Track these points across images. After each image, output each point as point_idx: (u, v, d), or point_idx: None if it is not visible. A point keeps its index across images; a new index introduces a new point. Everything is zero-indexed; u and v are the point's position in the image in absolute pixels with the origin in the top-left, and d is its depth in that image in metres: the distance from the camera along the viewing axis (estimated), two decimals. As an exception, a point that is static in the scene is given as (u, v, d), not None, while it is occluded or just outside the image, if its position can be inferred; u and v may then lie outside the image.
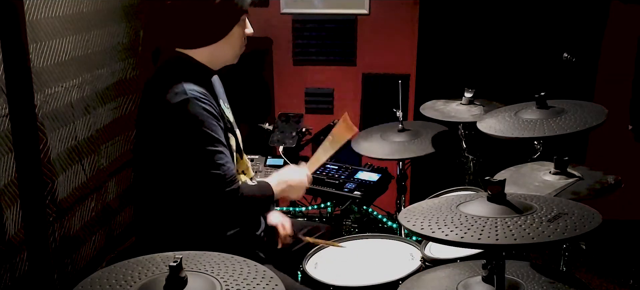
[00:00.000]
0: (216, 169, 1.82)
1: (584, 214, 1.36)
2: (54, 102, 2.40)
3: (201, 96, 1.83)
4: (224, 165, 1.84)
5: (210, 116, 1.84)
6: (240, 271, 1.33)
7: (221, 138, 1.87)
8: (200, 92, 1.85)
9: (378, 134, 2.70)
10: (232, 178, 1.86)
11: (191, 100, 1.80)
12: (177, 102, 1.80)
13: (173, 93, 1.81)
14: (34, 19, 2.24)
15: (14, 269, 2.17)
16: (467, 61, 3.66)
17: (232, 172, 1.87)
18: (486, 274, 1.47)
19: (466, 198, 1.50)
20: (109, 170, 2.90)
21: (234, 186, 1.86)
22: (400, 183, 2.71)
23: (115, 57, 2.92)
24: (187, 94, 1.81)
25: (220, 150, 1.84)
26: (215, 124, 1.85)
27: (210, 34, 1.93)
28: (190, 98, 1.80)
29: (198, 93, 1.83)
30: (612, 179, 2.03)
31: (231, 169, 1.87)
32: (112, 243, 2.95)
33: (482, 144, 2.54)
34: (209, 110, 1.84)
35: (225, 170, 1.84)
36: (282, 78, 3.85)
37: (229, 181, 1.85)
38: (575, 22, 3.56)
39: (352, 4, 3.70)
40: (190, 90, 1.82)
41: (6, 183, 2.12)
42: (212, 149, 1.82)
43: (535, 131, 1.95)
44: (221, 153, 1.85)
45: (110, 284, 1.28)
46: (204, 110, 1.82)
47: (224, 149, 1.87)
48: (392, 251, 2.14)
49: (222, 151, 1.85)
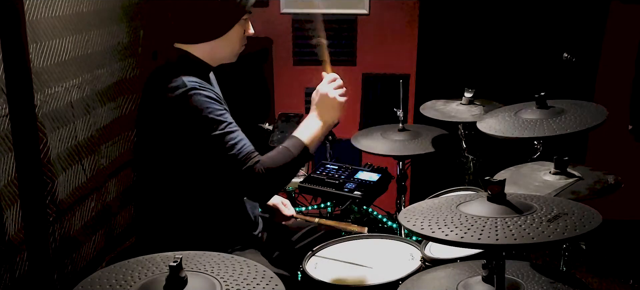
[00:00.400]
0: (229, 151, 1.78)
1: (584, 214, 1.36)
2: (54, 102, 2.40)
3: (200, 85, 1.83)
4: (236, 144, 1.80)
5: (213, 101, 1.82)
6: (240, 271, 1.33)
7: (227, 119, 1.83)
8: (199, 81, 1.84)
9: (378, 132, 2.70)
10: (247, 155, 1.80)
11: (191, 91, 1.80)
12: (177, 94, 1.79)
13: (172, 87, 1.81)
14: (34, 19, 2.23)
15: (14, 269, 2.17)
16: (467, 61, 3.66)
17: (247, 150, 1.81)
18: (486, 274, 1.47)
19: (466, 198, 1.50)
20: (109, 170, 2.90)
21: (250, 163, 1.79)
22: (400, 183, 2.71)
23: (115, 57, 2.91)
24: (186, 85, 1.80)
25: (228, 131, 1.81)
26: (219, 107, 1.83)
27: (210, 31, 1.92)
28: (189, 89, 1.80)
29: (197, 82, 1.83)
30: (612, 179, 2.03)
31: (245, 147, 1.81)
32: (112, 243, 2.95)
33: (482, 144, 2.54)
34: (210, 96, 1.83)
35: (238, 149, 1.79)
36: (282, 78, 3.85)
37: (244, 159, 1.79)
38: (575, 22, 3.56)
39: (352, 4, 3.70)
40: (189, 81, 1.81)
41: (6, 183, 2.12)
42: (220, 133, 1.79)
43: (535, 131, 1.95)
44: (231, 133, 1.81)
45: (110, 284, 1.28)
46: (206, 97, 1.81)
47: (234, 128, 1.83)
48: (392, 251, 2.14)
49: (231, 131, 1.81)
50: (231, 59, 2.03)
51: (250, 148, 1.83)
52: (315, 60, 2.10)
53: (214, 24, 1.91)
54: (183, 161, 1.87)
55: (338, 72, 2.04)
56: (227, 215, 2.01)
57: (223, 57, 2.02)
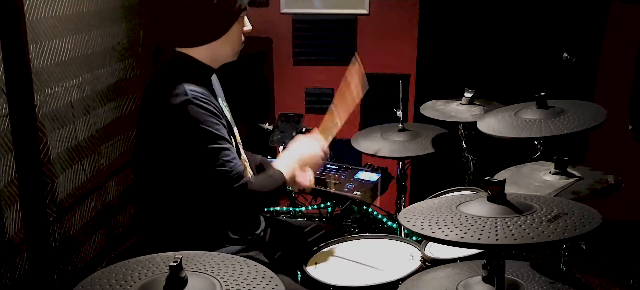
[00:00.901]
0: (222, 166, 1.81)
1: (584, 214, 1.36)
2: (54, 102, 2.40)
3: (202, 96, 1.83)
4: (230, 162, 1.83)
5: (212, 115, 1.83)
6: (240, 271, 1.33)
7: (225, 136, 1.86)
8: (201, 92, 1.85)
9: (378, 133, 2.70)
10: (239, 174, 1.84)
11: (192, 101, 1.80)
12: (178, 103, 1.79)
13: (174, 94, 1.81)
14: (34, 19, 2.23)
15: (14, 269, 2.17)
16: (467, 61, 3.66)
17: (239, 169, 1.85)
18: (486, 274, 1.47)
19: (466, 198, 1.50)
20: (109, 170, 2.90)
21: (241, 182, 1.83)
22: (400, 183, 2.71)
23: (115, 57, 2.92)
24: (188, 94, 1.81)
25: (225, 147, 1.83)
26: (217, 122, 1.84)
27: (210, 32, 1.92)
28: (190, 99, 1.80)
29: (198, 93, 1.83)
30: (612, 179, 2.03)
31: (238, 166, 1.86)
32: (112, 243, 2.95)
33: (482, 144, 2.54)
34: (211, 109, 1.83)
35: (231, 167, 1.82)
36: (282, 78, 3.85)
37: (236, 177, 1.82)
38: (575, 22, 3.56)
39: (352, 4, 3.70)
40: (190, 91, 1.82)
41: (6, 183, 2.12)
42: (216, 147, 1.81)
43: (535, 131, 1.95)
44: (226, 150, 1.83)
45: (110, 284, 1.28)
46: (206, 110, 1.82)
47: (229, 146, 1.86)
48: (392, 251, 2.14)
49: (227, 148, 1.84)
50: (232, 58, 2.04)
51: (242, 168, 1.88)
52: (315, 60, 2.10)
53: (213, 26, 1.91)
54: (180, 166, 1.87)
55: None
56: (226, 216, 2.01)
57: (224, 57, 2.02)
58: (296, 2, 3.73)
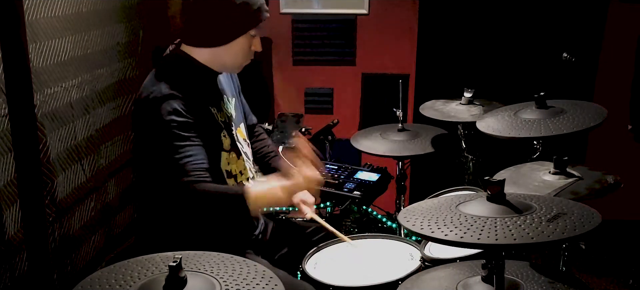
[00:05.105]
0: (179, 160, 1.79)
1: (583, 214, 1.36)
2: (54, 102, 2.40)
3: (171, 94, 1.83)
4: (187, 156, 1.79)
5: (177, 115, 1.81)
6: (240, 271, 1.33)
7: (188, 134, 1.82)
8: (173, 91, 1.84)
9: (378, 133, 2.70)
10: (192, 170, 1.79)
11: (158, 98, 1.81)
12: (144, 97, 1.84)
13: (146, 90, 1.85)
14: (34, 19, 2.24)
15: (14, 269, 2.17)
16: (466, 61, 3.66)
17: (196, 166, 1.80)
18: (486, 274, 1.47)
19: (466, 198, 1.50)
20: (109, 170, 2.90)
21: (190, 178, 1.78)
22: (400, 183, 2.71)
23: (115, 57, 2.92)
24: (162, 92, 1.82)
25: (184, 144, 1.80)
26: (182, 120, 1.82)
27: (213, 37, 1.93)
28: (156, 97, 1.82)
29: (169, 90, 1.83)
30: (612, 179, 2.03)
31: (196, 163, 1.80)
32: (112, 243, 2.95)
33: (482, 144, 2.54)
34: (177, 108, 1.82)
35: (185, 161, 1.79)
36: (282, 78, 3.85)
37: (186, 172, 1.78)
38: (575, 22, 3.56)
39: (352, 4, 3.70)
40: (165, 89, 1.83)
41: (6, 183, 2.12)
42: (175, 144, 1.80)
43: (535, 131, 1.95)
44: (186, 147, 1.80)
45: (110, 284, 1.28)
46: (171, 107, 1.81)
47: (191, 144, 1.82)
48: (391, 251, 2.14)
49: (187, 145, 1.81)
50: (233, 70, 2.07)
51: (202, 166, 1.82)
52: (315, 60, 2.11)
53: (218, 32, 1.92)
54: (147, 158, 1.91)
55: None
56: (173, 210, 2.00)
57: (224, 65, 2.03)
58: (295, 2, 3.73)
